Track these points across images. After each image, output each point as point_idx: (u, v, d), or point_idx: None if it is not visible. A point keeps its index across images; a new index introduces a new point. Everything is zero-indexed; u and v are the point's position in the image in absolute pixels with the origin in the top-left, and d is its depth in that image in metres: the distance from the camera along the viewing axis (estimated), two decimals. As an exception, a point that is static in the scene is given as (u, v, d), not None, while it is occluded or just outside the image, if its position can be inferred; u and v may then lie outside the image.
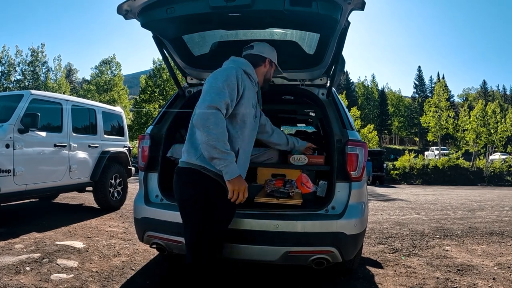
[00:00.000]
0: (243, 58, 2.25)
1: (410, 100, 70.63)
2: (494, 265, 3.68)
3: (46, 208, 6.52)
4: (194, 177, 1.98)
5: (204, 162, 1.96)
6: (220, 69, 2.11)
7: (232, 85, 1.98)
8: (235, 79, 2.00)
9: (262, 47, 2.33)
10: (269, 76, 2.36)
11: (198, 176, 1.97)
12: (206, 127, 1.83)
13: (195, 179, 1.98)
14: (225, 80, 1.96)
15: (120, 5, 2.16)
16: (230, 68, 2.07)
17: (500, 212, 8.01)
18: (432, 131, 33.25)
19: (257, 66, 2.28)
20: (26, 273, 3.06)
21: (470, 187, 19.91)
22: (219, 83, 1.94)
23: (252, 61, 2.26)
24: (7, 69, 33.20)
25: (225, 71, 2.04)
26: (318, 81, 3.08)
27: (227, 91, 1.94)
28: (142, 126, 29.20)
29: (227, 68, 2.08)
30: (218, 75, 2.01)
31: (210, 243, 2.01)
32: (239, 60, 2.22)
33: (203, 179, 1.97)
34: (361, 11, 2.02)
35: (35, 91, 5.21)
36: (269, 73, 2.36)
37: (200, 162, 1.96)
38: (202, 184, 1.97)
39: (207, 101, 1.88)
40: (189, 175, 2.00)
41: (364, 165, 2.60)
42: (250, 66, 2.21)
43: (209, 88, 1.95)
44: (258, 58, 2.30)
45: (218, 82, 1.95)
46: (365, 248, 4.23)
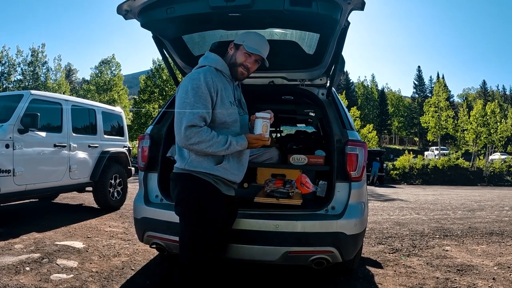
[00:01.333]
0: (213, 54, 2.11)
1: (409, 100, 70.64)
2: (494, 265, 3.68)
3: (46, 208, 6.51)
4: (185, 181, 2.00)
5: (192, 166, 1.97)
6: (188, 78, 1.97)
7: (204, 96, 1.90)
8: (205, 88, 1.91)
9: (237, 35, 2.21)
10: (234, 60, 2.09)
11: (190, 180, 1.99)
12: (193, 145, 1.87)
13: (186, 183, 2.00)
14: (195, 93, 1.89)
15: (120, 5, 2.15)
16: (197, 77, 1.94)
17: (500, 212, 8.01)
18: (431, 131, 33.23)
19: (225, 55, 2.14)
20: (26, 273, 3.06)
21: (470, 187, 19.90)
22: (190, 98, 1.88)
23: (222, 51, 2.14)
24: (7, 69, 33.18)
25: (193, 81, 1.93)
26: (318, 81, 3.08)
27: (200, 104, 1.89)
28: (142, 126, 29.18)
29: (195, 78, 1.94)
30: (188, 88, 1.92)
31: (205, 245, 1.99)
32: (210, 56, 2.10)
33: (195, 183, 1.97)
34: (361, 11, 2.02)
35: (35, 91, 5.21)
36: (234, 57, 2.09)
37: (189, 167, 1.97)
38: (193, 187, 1.97)
39: (184, 123, 1.86)
40: (181, 180, 2.03)
41: (364, 165, 2.60)
42: (221, 61, 2.08)
43: (182, 104, 1.90)
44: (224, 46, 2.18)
45: (189, 97, 1.89)
46: (365, 248, 4.24)
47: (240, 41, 2.10)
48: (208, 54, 2.13)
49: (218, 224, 2.02)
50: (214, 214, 1.98)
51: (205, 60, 2.10)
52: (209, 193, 1.97)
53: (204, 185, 1.96)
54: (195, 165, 1.96)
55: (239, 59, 2.09)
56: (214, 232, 2.01)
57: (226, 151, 1.91)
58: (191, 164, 1.96)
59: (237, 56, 2.09)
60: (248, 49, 2.06)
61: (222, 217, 2.05)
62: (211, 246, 2.01)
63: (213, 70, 2.03)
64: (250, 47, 2.06)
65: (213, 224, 2.00)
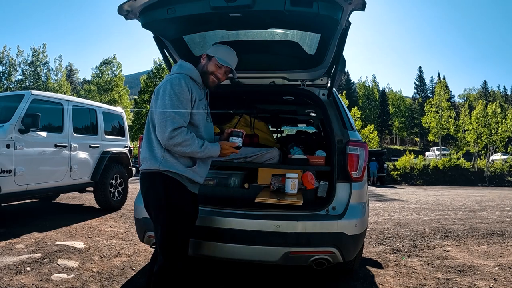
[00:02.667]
0: (188, 63, 2.22)
1: (411, 100, 70.61)
2: (495, 266, 3.68)
3: (47, 208, 6.52)
4: (155, 179, 2.06)
5: (167, 166, 2.03)
6: (169, 83, 2.05)
7: (185, 100, 2.04)
8: (186, 92, 2.04)
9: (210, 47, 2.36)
10: (206, 69, 2.22)
11: (159, 178, 2.05)
12: (176, 145, 1.97)
13: (156, 182, 2.05)
14: (178, 97, 2.01)
15: (121, 5, 2.16)
16: (178, 83, 2.04)
17: (500, 212, 8.00)
18: (433, 131, 33.22)
19: (197, 65, 2.27)
20: (26, 273, 3.06)
21: (470, 188, 19.87)
22: (174, 101, 1.99)
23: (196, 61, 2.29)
24: (8, 69, 33.22)
25: (174, 86, 2.03)
26: (318, 82, 3.08)
27: (182, 107, 2.01)
28: (143, 126, 29.19)
29: (176, 84, 2.04)
30: (171, 92, 2.01)
31: (184, 240, 2.11)
32: (185, 66, 2.19)
33: (163, 180, 2.04)
34: (362, 11, 2.02)
35: (36, 91, 5.22)
36: (206, 66, 2.22)
37: (163, 167, 2.03)
38: (162, 185, 2.04)
39: (169, 124, 1.95)
40: (150, 179, 2.08)
41: (365, 166, 2.60)
42: (195, 70, 2.19)
43: (165, 107, 1.99)
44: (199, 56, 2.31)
45: (173, 100, 1.99)
46: (366, 249, 4.23)
47: (212, 53, 2.25)
48: (182, 63, 2.23)
49: (189, 218, 2.15)
50: (185, 209, 2.10)
51: (180, 69, 2.18)
52: (177, 189, 2.06)
53: (172, 182, 2.05)
54: (169, 165, 2.03)
55: (210, 68, 2.23)
56: (188, 227, 2.14)
57: (201, 153, 2.03)
58: (165, 165, 2.03)
59: (208, 66, 2.24)
60: (219, 61, 2.21)
61: (190, 212, 2.16)
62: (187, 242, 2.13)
63: (188, 78, 2.13)
64: (221, 59, 2.22)
65: (187, 218, 2.11)
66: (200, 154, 2.04)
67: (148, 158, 2.07)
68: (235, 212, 2.49)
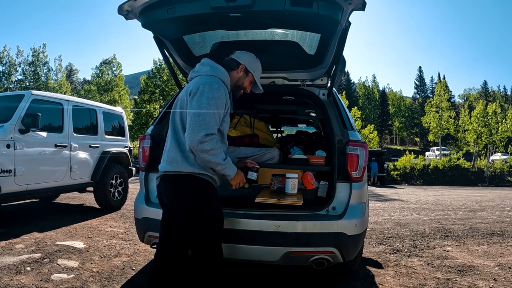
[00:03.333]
0: (220, 66, 2.20)
1: (411, 100, 70.63)
2: (495, 266, 3.68)
3: (47, 208, 6.52)
4: (189, 182, 2.03)
5: (199, 169, 2.02)
6: (208, 86, 2.02)
7: (221, 106, 2.03)
8: (223, 98, 2.04)
9: (242, 54, 2.32)
10: (241, 83, 2.29)
11: (195, 180, 2.03)
12: (204, 151, 1.93)
13: (191, 184, 2.03)
14: (215, 102, 1.98)
15: (121, 5, 2.16)
16: (217, 88, 2.03)
17: (500, 212, 8.00)
18: (433, 131, 33.24)
19: (231, 70, 2.24)
20: (26, 273, 3.06)
21: (471, 188, 19.87)
22: (211, 106, 1.96)
23: (227, 65, 2.25)
24: (8, 69, 33.22)
25: (213, 91, 2.00)
26: (318, 82, 3.08)
27: (217, 113, 1.99)
28: (143, 126, 29.19)
29: (215, 88, 2.02)
30: (209, 95, 1.98)
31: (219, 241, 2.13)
32: (218, 69, 2.17)
33: (198, 182, 2.04)
34: (362, 11, 2.01)
35: (36, 91, 5.22)
36: (241, 80, 2.28)
37: (198, 170, 2.02)
38: (198, 186, 2.04)
39: (203, 129, 1.92)
40: (185, 181, 2.04)
41: (365, 166, 2.60)
42: (227, 74, 2.19)
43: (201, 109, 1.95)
44: (233, 62, 2.28)
45: (210, 104, 1.96)
46: (366, 249, 4.23)
47: (251, 68, 2.30)
48: (214, 64, 2.19)
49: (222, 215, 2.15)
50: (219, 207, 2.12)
51: (213, 71, 2.15)
52: (212, 190, 2.09)
53: (207, 184, 2.07)
54: (203, 168, 2.03)
55: (245, 84, 2.31)
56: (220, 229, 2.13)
57: (221, 166, 2.02)
58: (199, 167, 2.02)
59: (244, 81, 2.30)
60: (256, 79, 2.33)
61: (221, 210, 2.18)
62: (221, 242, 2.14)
63: (223, 83, 2.13)
64: (258, 79, 2.34)
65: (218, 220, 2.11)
66: (220, 167, 2.02)
67: (179, 160, 2.02)
68: (235, 212, 2.49)
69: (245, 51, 2.36)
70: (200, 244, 2.05)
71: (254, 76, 2.31)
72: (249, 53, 2.36)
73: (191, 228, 2.05)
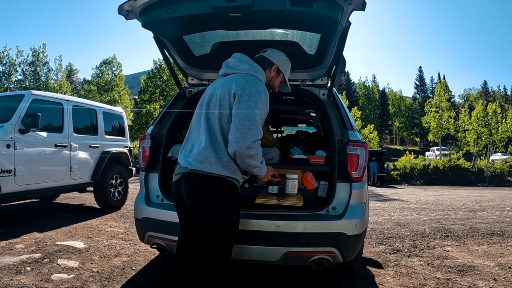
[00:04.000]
0: (258, 65, 2.19)
1: (411, 100, 70.61)
2: (495, 266, 3.68)
3: (47, 208, 6.52)
4: (218, 184, 2.00)
5: (230, 172, 2.01)
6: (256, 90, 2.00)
7: (265, 111, 2.06)
8: (267, 104, 2.06)
9: (274, 53, 2.30)
10: (272, 83, 2.31)
11: (226, 183, 2.01)
12: (251, 157, 1.95)
13: (220, 186, 2.00)
14: (265, 107, 2.03)
15: (121, 5, 2.16)
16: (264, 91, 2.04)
17: (501, 212, 8.00)
18: (433, 131, 33.22)
19: (264, 69, 2.23)
20: (26, 273, 3.06)
21: (471, 188, 19.87)
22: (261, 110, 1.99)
23: (261, 64, 2.23)
24: (8, 69, 33.23)
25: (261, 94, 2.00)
26: (319, 82, 3.08)
27: (261, 118, 2.01)
28: (143, 126, 29.19)
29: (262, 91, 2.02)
30: (257, 99, 1.97)
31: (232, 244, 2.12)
32: (256, 68, 2.16)
33: (227, 185, 2.02)
34: (362, 11, 2.01)
35: (36, 91, 5.22)
36: (273, 80, 2.30)
37: (229, 173, 2.00)
38: (226, 189, 2.02)
39: (253, 135, 1.91)
40: (214, 182, 1.99)
41: (365, 166, 2.60)
42: (264, 74, 2.20)
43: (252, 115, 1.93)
44: (266, 61, 2.26)
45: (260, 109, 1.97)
46: (366, 249, 4.23)
47: (283, 69, 2.30)
48: (255, 65, 2.18)
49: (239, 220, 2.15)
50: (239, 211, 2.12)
51: (253, 70, 2.15)
52: (236, 194, 2.08)
53: (234, 187, 2.06)
54: (233, 172, 2.02)
55: (276, 84, 2.33)
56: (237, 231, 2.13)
57: (257, 169, 2.04)
58: (230, 171, 2.00)
59: (275, 81, 2.32)
60: (286, 79, 2.34)
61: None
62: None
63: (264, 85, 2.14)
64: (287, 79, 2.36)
65: (238, 223, 2.11)
66: (257, 170, 2.03)
67: (213, 161, 1.96)
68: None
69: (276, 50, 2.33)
70: (223, 247, 2.03)
71: (285, 76, 2.32)
72: (280, 52, 2.33)
73: (215, 230, 2.00)
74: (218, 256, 2.02)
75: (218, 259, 2.03)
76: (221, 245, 2.02)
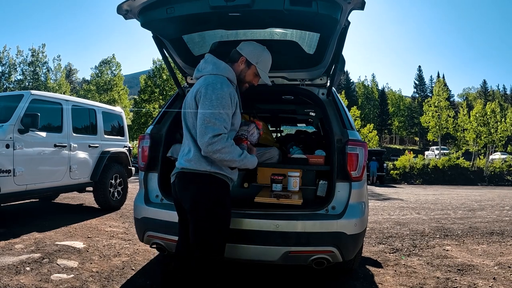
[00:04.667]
0: (223, 62, 2.15)
1: (410, 99, 70.64)
2: (495, 265, 3.68)
3: (46, 208, 6.52)
4: (205, 180, 2.02)
5: (217, 168, 2.02)
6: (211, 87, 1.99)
7: (227, 106, 1.99)
8: (228, 98, 1.99)
9: (244, 45, 2.23)
10: (243, 77, 2.21)
11: (210, 179, 2.03)
12: (215, 152, 1.91)
13: (207, 183, 2.02)
14: (219, 103, 1.95)
15: (120, 5, 2.15)
16: (220, 87, 1.99)
17: (500, 211, 8.01)
18: (432, 131, 33.21)
19: (233, 63, 2.19)
20: (26, 273, 3.06)
21: (470, 187, 19.88)
22: (216, 107, 1.94)
23: (231, 57, 2.21)
24: (8, 69, 33.21)
25: (216, 91, 1.97)
26: (318, 81, 3.08)
27: (224, 114, 1.96)
28: (142, 126, 29.19)
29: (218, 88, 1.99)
30: (212, 97, 1.96)
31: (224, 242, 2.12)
32: (220, 66, 2.12)
33: (215, 182, 2.04)
34: (361, 10, 2.01)
35: (35, 91, 5.21)
36: (244, 73, 2.20)
37: (214, 169, 2.01)
38: (214, 186, 2.04)
39: (210, 131, 1.90)
40: (202, 179, 2.02)
41: (365, 165, 2.60)
42: (230, 70, 2.14)
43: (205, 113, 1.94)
44: (235, 53, 2.21)
45: (214, 106, 1.94)
46: (365, 248, 4.23)
47: (253, 60, 2.18)
48: (216, 61, 2.14)
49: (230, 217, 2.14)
50: (230, 208, 2.11)
51: (216, 69, 2.11)
52: (226, 190, 2.09)
53: (222, 183, 2.07)
54: (219, 167, 2.02)
55: (248, 78, 2.22)
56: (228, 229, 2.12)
57: (239, 162, 2.00)
58: (216, 167, 2.01)
59: (247, 74, 2.21)
60: (260, 72, 2.20)
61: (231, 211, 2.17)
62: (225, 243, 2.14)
63: (227, 80, 2.08)
64: (263, 72, 2.21)
65: (229, 221, 2.11)
66: (238, 163, 2.01)
67: (196, 159, 2.00)
68: (234, 212, 2.48)
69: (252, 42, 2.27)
70: (212, 245, 2.03)
71: (257, 68, 2.19)
72: (254, 43, 2.25)
73: (204, 228, 2.02)
74: (208, 255, 2.02)
75: (209, 257, 2.02)
76: (211, 244, 2.02)
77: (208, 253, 2.02)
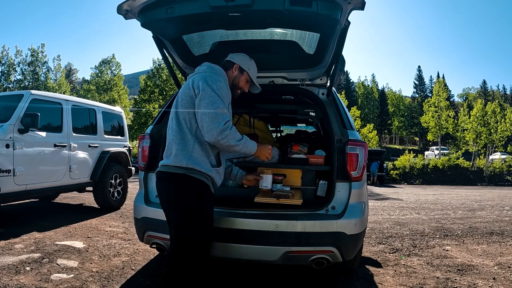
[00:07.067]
0: (217, 65, 2.26)
1: (410, 99, 70.65)
2: (494, 265, 3.68)
3: (46, 208, 6.51)
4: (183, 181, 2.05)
5: (194, 163, 2.04)
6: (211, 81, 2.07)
7: (227, 97, 2.10)
8: (227, 89, 2.11)
9: (235, 55, 2.38)
10: (236, 83, 2.33)
11: (188, 180, 2.05)
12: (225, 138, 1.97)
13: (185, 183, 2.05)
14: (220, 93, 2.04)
15: (120, 5, 2.16)
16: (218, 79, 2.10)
17: (500, 211, 8.01)
18: (432, 131, 33.22)
19: (226, 70, 2.30)
20: (26, 273, 3.06)
21: (470, 187, 19.89)
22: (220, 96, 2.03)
23: (223, 66, 2.31)
24: (7, 69, 33.20)
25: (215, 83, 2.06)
26: (318, 81, 3.08)
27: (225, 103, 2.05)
28: (142, 126, 29.19)
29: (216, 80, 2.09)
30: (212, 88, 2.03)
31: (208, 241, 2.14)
32: (215, 68, 2.23)
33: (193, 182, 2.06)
34: (361, 10, 2.02)
35: (35, 91, 5.21)
36: (237, 79, 2.33)
37: (192, 165, 2.04)
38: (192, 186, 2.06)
39: (221, 119, 1.97)
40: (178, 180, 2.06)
41: (364, 165, 2.60)
42: (224, 73, 2.25)
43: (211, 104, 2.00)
44: (228, 63, 2.34)
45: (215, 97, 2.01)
46: (365, 248, 4.23)
47: (245, 67, 2.33)
48: (213, 65, 2.25)
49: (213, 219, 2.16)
50: (211, 209, 2.14)
51: (211, 69, 2.22)
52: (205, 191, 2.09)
53: (200, 184, 2.08)
54: (197, 163, 2.05)
55: (241, 84, 2.35)
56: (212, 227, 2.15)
57: (240, 145, 2.04)
58: (194, 162, 2.04)
59: (240, 80, 2.34)
60: (252, 78, 2.36)
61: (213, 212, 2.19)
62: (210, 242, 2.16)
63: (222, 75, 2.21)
64: (254, 77, 2.38)
65: (212, 219, 2.14)
66: (239, 147, 2.05)
67: (178, 152, 2.06)
68: (234, 212, 2.49)
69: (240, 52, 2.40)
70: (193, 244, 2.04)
71: (249, 74, 2.35)
72: (242, 53, 2.41)
73: (182, 227, 2.05)
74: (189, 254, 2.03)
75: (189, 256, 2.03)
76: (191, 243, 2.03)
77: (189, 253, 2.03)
